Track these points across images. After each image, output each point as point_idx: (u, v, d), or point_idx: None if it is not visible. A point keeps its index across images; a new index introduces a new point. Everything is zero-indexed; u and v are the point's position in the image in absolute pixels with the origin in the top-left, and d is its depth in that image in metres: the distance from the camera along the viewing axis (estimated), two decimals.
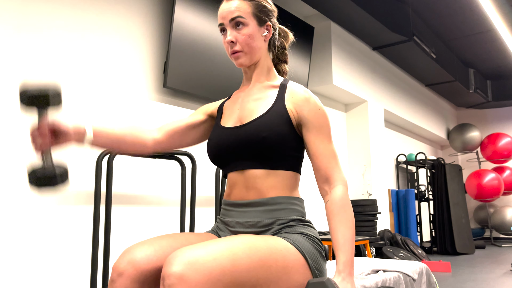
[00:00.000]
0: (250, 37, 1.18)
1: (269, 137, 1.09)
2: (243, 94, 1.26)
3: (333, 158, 1.14)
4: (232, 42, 1.18)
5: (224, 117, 1.25)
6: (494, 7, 4.65)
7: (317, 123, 1.15)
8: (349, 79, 4.85)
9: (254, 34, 1.18)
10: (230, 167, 1.17)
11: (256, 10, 1.19)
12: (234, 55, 1.20)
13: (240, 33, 1.18)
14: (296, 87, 1.20)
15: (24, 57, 2.32)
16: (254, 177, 1.13)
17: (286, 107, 1.15)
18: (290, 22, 3.99)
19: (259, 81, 1.24)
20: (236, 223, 1.15)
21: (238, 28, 1.18)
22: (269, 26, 1.23)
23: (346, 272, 1.03)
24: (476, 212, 8.18)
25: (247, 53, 1.19)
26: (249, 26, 1.18)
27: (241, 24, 1.17)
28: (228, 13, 1.18)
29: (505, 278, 3.83)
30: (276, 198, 1.12)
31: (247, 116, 1.17)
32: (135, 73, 2.90)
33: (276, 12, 1.28)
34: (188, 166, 3.11)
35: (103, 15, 2.74)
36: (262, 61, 1.24)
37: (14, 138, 2.24)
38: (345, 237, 1.06)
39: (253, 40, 1.18)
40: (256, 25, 1.19)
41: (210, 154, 1.21)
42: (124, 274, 0.98)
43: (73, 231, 2.44)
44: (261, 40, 1.21)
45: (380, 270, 1.92)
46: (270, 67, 1.26)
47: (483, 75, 7.67)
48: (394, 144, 6.79)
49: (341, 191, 1.10)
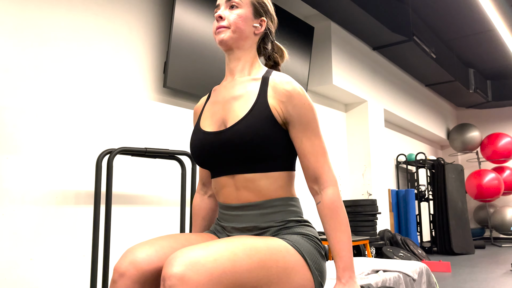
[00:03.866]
0: (240, 17, 1.14)
1: (254, 141, 1.04)
2: (224, 90, 1.19)
3: (321, 155, 1.09)
4: (220, 17, 1.15)
5: (205, 118, 1.19)
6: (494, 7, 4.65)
7: (303, 119, 1.08)
8: (349, 79, 4.85)
9: (245, 17, 1.15)
10: (218, 171, 1.14)
11: (255, 0, 1.18)
12: (218, 30, 1.16)
13: (231, 12, 1.15)
14: (278, 80, 1.11)
15: (24, 57, 2.32)
16: (244, 180, 1.09)
17: (269, 104, 1.08)
18: (290, 22, 3.99)
19: (241, 74, 1.18)
20: (232, 228, 1.13)
21: (232, 9, 1.16)
22: (263, 21, 1.19)
23: (347, 277, 1.03)
24: (476, 212, 8.18)
25: (232, 31, 1.14)
26: (243, 9, 1.16)
27: (235, 6, 1.15)
28: None
29: (505, 278, 3.83)
30: (270, 200, 1.10)
31: (230, 118, 1.10)
32: (135, 73, 2.90)
33: (276, 21, 1.26)
34: (188, 166, 3.11)
35: (103, 15, 2.74)
36: (247, 52, 1.19)
37: (14, 138, 2.24)
38: (341, 242, 1.04)
39: (242, 22, 1.15)
40: (250, 12, 1.17)
41: (196, 159, 1.18)
42: (126, 274, 0.98)
43: (73, 231, 2.44)
44: (250, 28, 1.17)
45: (380, 270, 1.92)
46: (254, 60, 1.20)
47: (483, 75, 7.67)
48: (394, 144, 6.79)
49: (332, 193, 1.07)
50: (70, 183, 2.45)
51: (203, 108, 1.24)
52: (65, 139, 2.46)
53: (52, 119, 2.41)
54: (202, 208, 1.32)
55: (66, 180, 2.44)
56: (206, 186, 1.33)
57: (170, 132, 3.08)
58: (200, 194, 1.33)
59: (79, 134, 2.53)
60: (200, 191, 1.33)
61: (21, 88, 2.29)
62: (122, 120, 2.77)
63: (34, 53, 2.37)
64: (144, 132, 2.90)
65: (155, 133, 2.97)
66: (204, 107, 1.24)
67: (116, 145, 2.72)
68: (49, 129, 2.39)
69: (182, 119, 3.18)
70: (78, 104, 2.54)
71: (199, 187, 1.34)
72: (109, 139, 2.68)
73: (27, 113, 2.31)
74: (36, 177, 2.31)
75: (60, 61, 2.48)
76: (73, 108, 2.52)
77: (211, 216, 1.33)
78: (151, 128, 2.95)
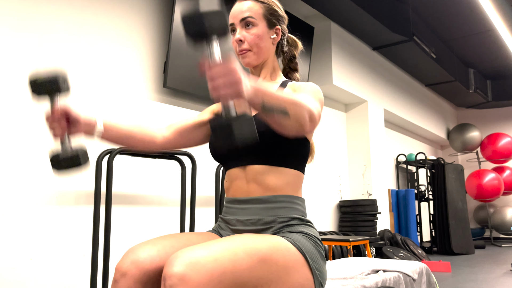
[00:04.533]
0: (258, 37, 1.19)
1: (267, 132, 1.08)
2: None
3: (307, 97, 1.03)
4: (240, 40, 1.19)
5: None
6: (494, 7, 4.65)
7: (304, 88, 1.15)
8: (349, 79, 4.86)
9: (263, 35, 1.20)
10: (232, 163, 1.18)
11: (267, 13, 1.21)
12: (242, 54, 1.21)
13: (249, 33, 1.20)
14: (297, 81, 1.20)
15: (24, 56, 2.32)
16: (255, 172, 1.13)
17: None
18: (290, 22, 3.98)
19: (264, 80, 1.26)
20: (236, 221, 1.15)
21: (248, 28, 1.20)
22: (278, 30, 1.25)
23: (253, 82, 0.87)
24: (476, 212, 8.18)
25: (255, 53, 1.20)
26: (258, 26, 1.20)
27: (251, 24, 1.19)
28: (239, 13, 1.20)
29: (505, 278, 3.83)
30: (277, 196, 1.12)
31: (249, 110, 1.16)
32: (135, 73, 2.90)
33: (287, 19, 1.30)
34: (188, 166, 3.11)
35: (103, 15, 2.74)
36: (269, 63, 1.26)
37: (14, 139, 2.24)
38: (280, 95, 0.90)
39: (261, 41, 1.20)
40: (265, 26, 1.21)
41: (212, 150, 1.22)
42: (127, 274, 0.98)
43: (73, 231, 2.44)
44: (269, 42, 1.23)
45: (380, 270, 1.92)
46: (275, 69, 1.28)
47: (483, 75, 7.68)
48: (394, 144, 6.79)
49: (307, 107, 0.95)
50: (70, 183, 2.45)
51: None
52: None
53: None
54: (144, 127, 1.23)
55: (66, 180, 2.44)
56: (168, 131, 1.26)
57: None
58: (157, 128, 1.27)
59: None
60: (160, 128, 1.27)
61: (22, 87, 2.29)
62: (125, 119, 2.77)
63: (34, 53, 2.37)
64: None
65: None
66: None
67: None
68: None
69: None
70: (78, 104, 2.54)
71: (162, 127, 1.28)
72: None
73: (27, 112, 2.31)
74: (36, 177, 2.31)
75: (60, 61, 2.48)
76: (73, 108, 2.51)
77: (144, 131, 1.22)
78: None
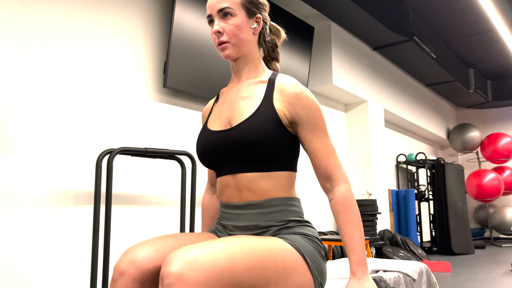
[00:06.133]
0: (238, 27, 1.13)
1: (258, 140, 1.06)
2: (231, 92, 1.21)
3: (331, 154, 1.11)
4: (219, 32, 1.14)
5: (212, 119, 1.21)
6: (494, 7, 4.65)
7: (312, 120, 1.11)
8: (349, 79, 4.86)
9: (242, 25, 1.14)
10: (222, 170, 1.15)
11: (245, 1, 1.15)
12: (220, 46, 1.15)
13: (228, 23, 1.13)
14: (285, 82, 1.13)
15: (24, 57, 2.32)
16: (246, 179, 1.11)
17: (275, 106, 1.10)
18: (290, 22, 3.99)
19: (247, 77, 1.20)
20: (233, 227, 1.14)
21: (226, 18, 1.14)
22: (258, 19, 1.18)
23: (360, 272, 1.04)
24: (476, 212, 8.17)
25: (234, 45, 1.14)
26: (237, 16, 1.14)
27: (229, 14, 1.13)
28: (216, 3, 1.14)
29: (505, 278, 3.82)
30: (272, 200, 1.11)
31: (236, 118, 1.12)
32: (135, 73, 2.90)
33: (268, 6, 1.24)
34: (188, 166, 3.11)
35: (103, 15, 2.74)
36: (251, 55, 1.19)
37: (14, 138, 2.24)
38: (354, 238, 1.06)
39: (241, 31, 1.14)
40: (245, 16, 1.15)
41: (200, 158, 1.19)
42: (126, 273, 0.99)
43: (73, 231, 2.44)
44: (249, 32, 1.16)
45: (380, 270, 1.92)
46: (259, 62, 1.21)
47: (483, 75, 7.67)
48: (394, 144, 6.79)
49: (344, 189, 1.09)
50: (70, 183, 2.45)
51: (211, 109, 1.27)
52: (65, 139, 2.46)
53: (52, 119, 2.41)
54: (211, 207, 1.37)
55: (66, 180, 2.44)
56: (214, 186, 1.38)
57: (170, 132, 3.08)
58: (209, 194, 1.38)
59: (79, 134, 2.53)
60: (209, 191, 1.38)
61: (21, 88, 2.30)
62: (122, 120, 2.78)
63: (34, 53, 2.37)
64: (144, 132, 2.90)
65: (155, 133, 2.97)
66: (212, 108, 1.27)
67: (116, 145, 2.73)
68: (49, 129, 2.39)
69: (182, 119, 3.18)
70: (78, 104, 2.55)
71: (207, 187, 1.39)
72: (109, 139, 2.68)
73: (27, 112, 2.31)
74: (36, 177, 2.31)
75: (60, 61, 2.48)
76: (73, 108, 2.52)
77: (214, 210, 1.39)
78: (151, 128, 2.95)
